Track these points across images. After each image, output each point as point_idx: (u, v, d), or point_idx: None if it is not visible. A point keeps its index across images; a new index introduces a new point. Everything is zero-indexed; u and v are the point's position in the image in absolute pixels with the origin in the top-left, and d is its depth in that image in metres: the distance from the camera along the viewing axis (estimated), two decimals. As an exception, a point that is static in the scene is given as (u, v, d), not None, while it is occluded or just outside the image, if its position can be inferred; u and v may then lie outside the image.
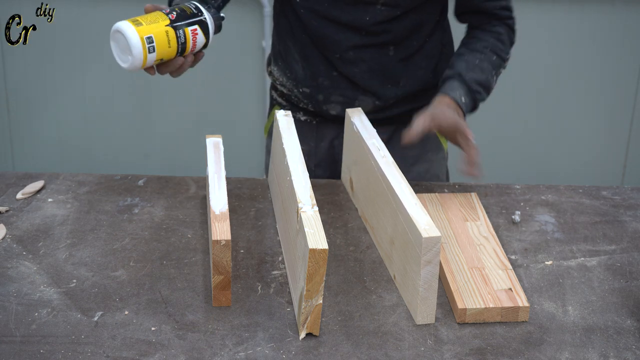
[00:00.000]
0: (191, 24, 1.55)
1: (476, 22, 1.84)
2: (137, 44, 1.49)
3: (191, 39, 1.55)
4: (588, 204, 1.75)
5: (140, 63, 1.51)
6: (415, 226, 1.32)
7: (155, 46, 1.51)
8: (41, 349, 1.26)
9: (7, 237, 1.56)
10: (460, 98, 1.72)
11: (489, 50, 1.79)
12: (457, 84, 1.74)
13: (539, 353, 1.29)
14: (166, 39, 1.52)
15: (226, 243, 1.32)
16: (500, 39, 1.81)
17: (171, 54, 1.55)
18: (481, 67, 1.77)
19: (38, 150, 3.64)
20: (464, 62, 1.77)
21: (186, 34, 1.54)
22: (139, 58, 1.51)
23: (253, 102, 3.53)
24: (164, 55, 1.54)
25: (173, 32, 1.53)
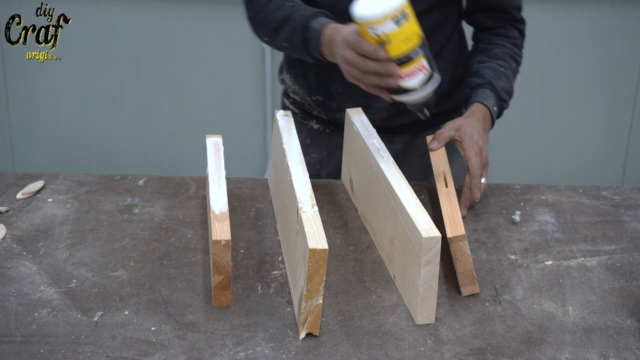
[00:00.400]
0: (424, 60, 1.41)
1: (489, 23, 1.82)
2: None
3: (415, 66, 1.41)
4: (588, 204, 1.75)
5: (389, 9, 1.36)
6: (415, 226, 1.32)
7: (403, 23, 1.36)
8: (41, 349, 1.26)
9: (7, 237, 1.56)
10: (493, 108, 1.72)
11: (509, 57, 1.79)
12: (489, 92, 1.73)
13: (539, 353, 1.29)
14: (407, 38, 1.38)
15: (226, 243, 1.32)
16: (515, 43, 1.81)
17: (398, 48, 1.39)
18: (506, 75, 1.77)
19: (38, 150, 3.64)
20: (490, 70, 1.76)
21: (417, 58, 1.40)
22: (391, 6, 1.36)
23: (253, 102, 3.53)
24: (396, 41, 1.38)
25: (414, 43, 1.39)
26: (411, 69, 1.40)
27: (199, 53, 3.45)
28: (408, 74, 1.41)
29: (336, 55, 1.49)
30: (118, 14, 3.38)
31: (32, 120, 3.58)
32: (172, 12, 3.39)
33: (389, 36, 1.37)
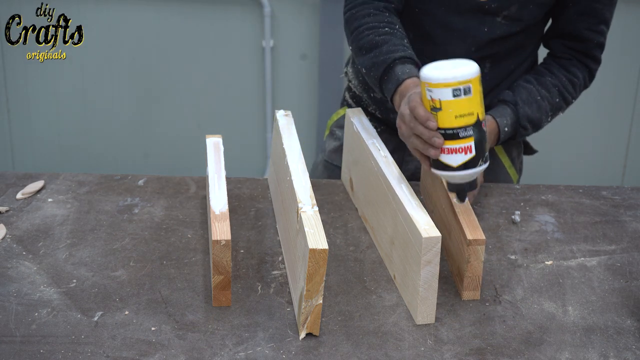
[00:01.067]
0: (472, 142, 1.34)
1: (562, 52, 1.75)
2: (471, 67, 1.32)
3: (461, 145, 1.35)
4: (588, 204, 1.75)
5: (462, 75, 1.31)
6: (415, 226, 1.32)
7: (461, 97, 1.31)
8: (41, 349, 1.26)
9: (7, 237, 1.56)
10: (505, 128, 1.65)
11: (556, 90, 1.71)
12: (509, 111, 1.67)
13: (539, 353, 1.29)
14: (461, 114, 1.33)
15: (226, 243, 1.32)
16: (573, 81, 1.73)
17: (447, 120, 1.33)
18: (539, 104, 1.69)
19: (38, 150, 3.64)
20: (525, 92, 1.69)
21: (465, 138, 1.34)
22: (466, 72, 1.31)
23: (253, 102, 3.53)
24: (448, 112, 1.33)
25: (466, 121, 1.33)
26: (455, 146, 1.34)
27: (199, 53, 3.45)
28: (451, 150, 1.35)
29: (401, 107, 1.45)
30: (118, 14, 3.38)
31: (32, 120, 3.58)
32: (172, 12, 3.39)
33: (442, 104, 1.32)
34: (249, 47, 3.42)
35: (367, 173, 1.58)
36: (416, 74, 1.49)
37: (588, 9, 1.69)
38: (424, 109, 1.35)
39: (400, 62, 1.54)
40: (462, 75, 1.31)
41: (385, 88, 1.56)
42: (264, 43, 3.39)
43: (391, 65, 1.54)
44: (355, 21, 1.64)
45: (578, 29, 1.72)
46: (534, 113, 1.69)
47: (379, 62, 1.56)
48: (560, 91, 1.72)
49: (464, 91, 1.31)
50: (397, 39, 1.58)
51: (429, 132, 1.35)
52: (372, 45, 1.59)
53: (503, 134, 1.66)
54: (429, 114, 1.34)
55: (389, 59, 1.55)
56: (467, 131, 1.33)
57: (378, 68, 1.56)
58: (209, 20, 3.39)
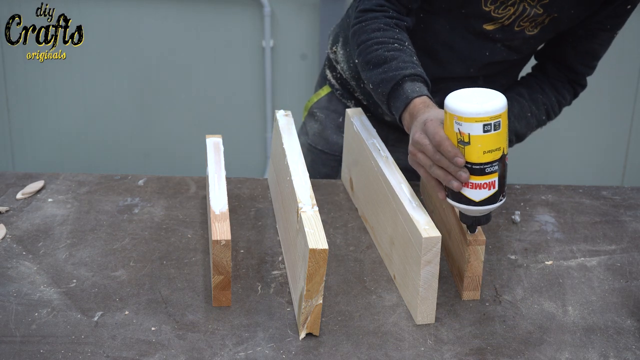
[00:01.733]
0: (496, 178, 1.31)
1: (553, 73, 1.78)
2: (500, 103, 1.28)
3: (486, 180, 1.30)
4: (588, 204, 1.75)
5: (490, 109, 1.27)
6: (415, 226, 1.32)
7: (491, 132, 1.28)
8: (41, 349, 1.26)
9: (7, 237, 1.56)
10: None
11: (544, 109, 1.76)
12: None
13: (539, 353, 1.29)
14: (489, 150, 1.29)
15: (226, 243, 1.32)
16: (560, 102, 1.78)
17: (475, 155, 1.29)
18: (528, 122, 1.74)
19: (38, 150, 3.64)
20: (518, 107, 1.72)
21: (491, 174, 1.30)
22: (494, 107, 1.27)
23: (253, 102, 3.53)
24: (477, 147, 1.28)
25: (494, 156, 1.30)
26: (480, 181, 1.31)
27: (199, 53, 3.45)
28: (475, 185, 1.31)
29: (410, 134, 1.40)
30: (118, 14, 3.38)
31: (32, 120, 3.58)
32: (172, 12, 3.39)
33: (472, 139, 1.28)
34: (249, 47, 3.42)
35: (367, 173, 1.58)
36: (426, 93, 1.46)
37: (588, 49, 1.73)
38: (451, 144, 1.30)
39: (410, 80, 1.49)
40: (493, 110, 1.27)
41: (393, 106, 1.50)
42: (264, 43, 3.39)
43: (400, 82, 1.49)
44: (364, 34, 1.60)
45: (573, 64, 1.76)
46: (522, 128, 1.75)
47: (388, 79, 1.50)
48: (547, 110, 1.77)
49: (494, 126, 1.27)
50: (407, 55, 1.54)
51: (455, 167, 1.30)
52: (380, 61, 1.53)
53: None
54: (457, 149, 1.29)
55: (398, 76, 1.49)
56: (493, 167, 1.30)
57: (386, 85, 1.51)
58: (209, 21, 3.39)
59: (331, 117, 1.92)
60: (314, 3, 3.35)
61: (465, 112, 1.27)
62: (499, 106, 1.27)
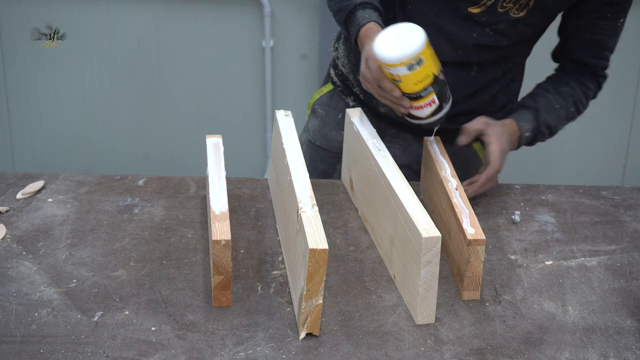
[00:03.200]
0: (434, 96, 1.53)
1: (572, 69, 1.82)
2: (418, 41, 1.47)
3: (425, 101, 1.54)
4: (588, 204, 1.75)
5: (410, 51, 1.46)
6: (415, 226, 1.32)
7: (416, 68, 1.48)
8: (41, 349, 1.26)
9: (7, 237, 1.56)
10: (526, 133, 1.73)
11: (571, 101, 1.79)
12: (530, 117, 1.75)
13: (539, 353, 1.29)
14: (419, 80, 1.50)
15: (226, 243, 1.32)
16: (586, 93, 1.82)
17: (409, 88, 1.51)
18: (558, 113, 1.78)
19: (38, 150, 3.64)
20: (545, 100, 1.77)
21: (427, 95, 1.53)
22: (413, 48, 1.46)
23: (253, 102, 3.53)
24: (408, 82, 1.51)
25: (425, 83, 1.51)
26: (421, 103, 1.54)
27: (199, 53, 3.45)
28: (417, 107, 1.55)
29: (361, 60, 1.59)
30: (118, 14, 3.38)
31: (32, 120, 3.58)
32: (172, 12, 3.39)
33: (401, 77, 1.49)
34: (249, 47, 3.42)
35: (367, 173, 1.58)
36: (375, 19, 1.62)
37: (592, 40, 1.77)
38: (387, 81, 1.51)
39: (361, 8, 1.64)
40: (412, 52, 1.45)
41: (349, 32, 1.67)
42: (264, 43, 3.39)
43: (353, 10, 1.64)
44: None
45: (583, 58, 1.80)
46: (552, 120, 1.78)
47: (343, 7, 1.66)
48: (575, 101, 1.81)
49: (417, 63, 1.47)
50: None
51: (395, 99, 1.53)
52: None
53: (524, 139, 1.75)
54: (393, 85, 1.51)
55: (351, 5, 1.65)
56: (427, 90, 1.51)
57: (342, 13, 1.67)
58: (209, 20, 3.39)
59: (331, 114, 1.93)
60: (314, 3, 3.35)
61: (389, 59, 1.47)
62: (417, 46, 1.46)
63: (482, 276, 1.42)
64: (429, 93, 1.52)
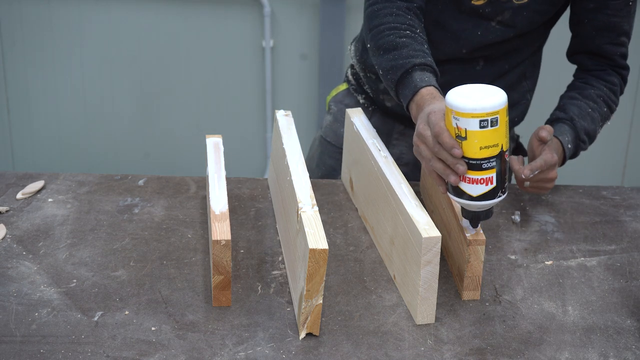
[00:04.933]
0: (494, 174, 1.32)
1: (591, 65, 1.75)
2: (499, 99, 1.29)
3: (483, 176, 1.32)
4: (588, 204, 1.75)
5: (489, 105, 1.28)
6: (415, 226, 1.32)
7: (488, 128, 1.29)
8: (41, 349, 1.26)
9: (7, 237, 1.56)
10: (567, 145, 1.64)
11: (601, 101, 1.72)
12: (567, 128, 1.66)
13: (539, 353, 1.29)
14: (486, 146, 1.30)
15: (226, 243, 1.32)
16: (613, 90, 1.74)
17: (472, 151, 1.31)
18: (592, 116, 1.69)
19: (38, 150, 3.64)
20: (576, 108, 1.69)
21: (489, 169, 1.31)
22: (493, 103, 1.28)
23: (253, 102, 3.53)
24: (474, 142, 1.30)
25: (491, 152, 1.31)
26: (477, 176, 1.32)
27: (199, 53, 3.45)
28: (472, 180, 1.33)
29: (416, 124, 1.42)
30: (118, 14, 3.39)
31: (32, 120, 3.58)
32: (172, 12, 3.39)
33: (468, 134, 1.30)
34: (249, 47, 3.42)
35: (367, 173, 1.58)
36: (434, 83, 1.48)
37: (606, 23, 1.68)
38: (449, 136, 1.31)
39: (420, 69, 1.50)
40: (490, 107, 1.28)
41: (401, 94, 1.51)
42: (264, 43, 3.39)
43: (409, 70, 1.50)
44: (377, 19, 1.60)
45: (598, 45, 1.71)
46: (589, 125, 1.68)
47: (398, 66, 1.51)
48: (605, 100, 1.73)
49: (491, 123, 1.28)
50: (418, 44, 1.54)
51: (453, 159, 1.32)
52: (391, 47, 1.54)
53: (568, 152, 1.64)
54: (455, 141, 1.31)
55: (408, 64, 1.50)
56: (491, 163, 1.31)
57: (396, 72, 1.51)
58: (209, 20, 3.39)
59: (343, 111, 1.94)
60: (314, 3, 3.35)
61: (462, 107, 1.28)
62: (497, 103, 1.28)
63: (482, 276, 1.42)
64: (491, 168, 1.31)
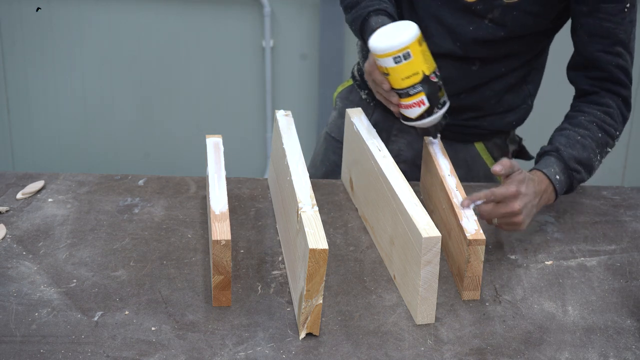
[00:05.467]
0: (424, 96, 1.54)
1: (585, 85, 1.70)
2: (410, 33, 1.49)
3: (413, 100, 1.54)
4: (588, 204, 1.75)
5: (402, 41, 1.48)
6: (415, 226, 1.32)
7: (402, 62, 1.50)
8: (41, 349, 1.26)
9: (7, 237, 1.56)
10: (555, 176, 1.58)
11: (594, 126, 1.64)
12: (553, 160, 1.60)
13: (539, 353, 1.29)
14: (406, 76, 1.51)
15: (226, 243, 1.32)
16: (608, 112, 1.66)
17: (396, 82, 1.52)
18: (583, 143, 1.62)
19: (38, 150, 3.64)
20: (564, 138, 1.63)
21: (416, 94, 1.53)
22: (406, 39, 1.49)
23: (253, 102, 3.53)
24: (395, 76, 1.52)
25: (412, 81, 1.52)
26: (409, 102, 1.54)
27: (199, 53, 3.45)
28: (407, 105, 1.55)
29: None
30: (118, 13, 3.38)
31: (32, 120, 3.58)
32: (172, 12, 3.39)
33: (389, 70, 1.51)
34: (249, 47, 3.42)
35: (367, 173, 1.58)
36: (388, 23, 1.61)
37: (598, 28, 1.64)
38: (378, 73, 1.54)
39: (375, 14, 1.65)
40: (399, 44, 1.48)
41: (365, 40, 1.66)
42: (264, 43, 3.39)
43: (366, 17, 1.66)
44: None
45: (592, 53, 1.66)
46: (580, 153, 1.61)
47: (357, 17, 1.68)
48: (600, 125, 1.65)
49: (404, 57, 1.48)
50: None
51: (385, 93, 1.56)
52: (354, 3, 1.71)
53: (558, 183, 1.59)
54: (382, 77, 1.54)
55: (365, 13, 1.66)
56: (416, 88, 1.52)
57: (357, 22, 1.68)
58: (209, 20, 3.39)
59: (347, 107, 1.94)
60: (314, 3, 3.35)
61: (376, 49, 1.50)
62: (405, 39, 1.48)
63: (482, 276, 1.42)
64: (418, 92, 1.52)
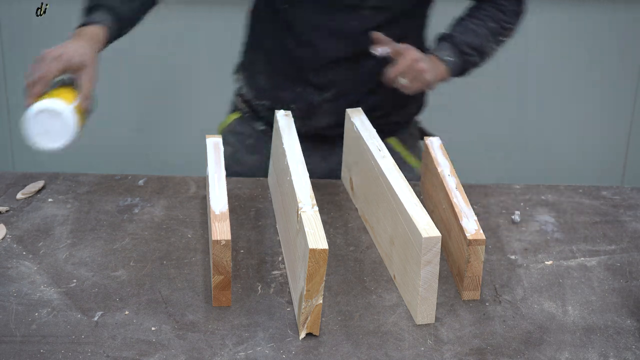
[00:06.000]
0: None
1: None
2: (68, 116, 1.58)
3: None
4: (588, 204, 1.75)
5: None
6: (415, 226, 1.32)
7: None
8: (41, 349, 1.26)
9: (7, 237, 1.56)
10: (445, 57, 1.72)
11: (488, 18, 1.79)
12: (446, 44, 1.75)
13: (539, 353, 1.29)
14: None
15: (226, 243, 1.32)
16: (501, 9, 1.80)
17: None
18: (475, 31, 1.77)
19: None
20: (458, 26, 1.78)
21: None
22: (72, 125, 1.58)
23: (253, 102, 3.52)
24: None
25: None
26: None
27: (198, 53, 3.45)
28: None
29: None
30: (118, 14, 3.38)
31: (32, 120, 3.57)
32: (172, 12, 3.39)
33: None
34: (249, 47, 3.42)
35: (367, 173, 1.58)
36: (97, 25, 1.77)
37: None
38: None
39: (95, 10, 1.78)
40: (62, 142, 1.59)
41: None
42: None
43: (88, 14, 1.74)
44: None
45: None
46: (473, 39, 1.75)
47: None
48: (493, 18, 1.79)
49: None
50: None
51: None
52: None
53: (450, 63, 1.73)
54: None
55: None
56: None
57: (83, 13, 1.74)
58: (209, 20, 3.39)
59: (241, 139, 1.95)
60: (314, 3, 3.34)
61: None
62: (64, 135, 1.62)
63: (482, 276, 1.42)
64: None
